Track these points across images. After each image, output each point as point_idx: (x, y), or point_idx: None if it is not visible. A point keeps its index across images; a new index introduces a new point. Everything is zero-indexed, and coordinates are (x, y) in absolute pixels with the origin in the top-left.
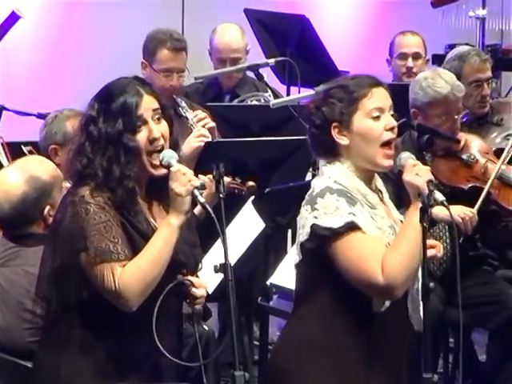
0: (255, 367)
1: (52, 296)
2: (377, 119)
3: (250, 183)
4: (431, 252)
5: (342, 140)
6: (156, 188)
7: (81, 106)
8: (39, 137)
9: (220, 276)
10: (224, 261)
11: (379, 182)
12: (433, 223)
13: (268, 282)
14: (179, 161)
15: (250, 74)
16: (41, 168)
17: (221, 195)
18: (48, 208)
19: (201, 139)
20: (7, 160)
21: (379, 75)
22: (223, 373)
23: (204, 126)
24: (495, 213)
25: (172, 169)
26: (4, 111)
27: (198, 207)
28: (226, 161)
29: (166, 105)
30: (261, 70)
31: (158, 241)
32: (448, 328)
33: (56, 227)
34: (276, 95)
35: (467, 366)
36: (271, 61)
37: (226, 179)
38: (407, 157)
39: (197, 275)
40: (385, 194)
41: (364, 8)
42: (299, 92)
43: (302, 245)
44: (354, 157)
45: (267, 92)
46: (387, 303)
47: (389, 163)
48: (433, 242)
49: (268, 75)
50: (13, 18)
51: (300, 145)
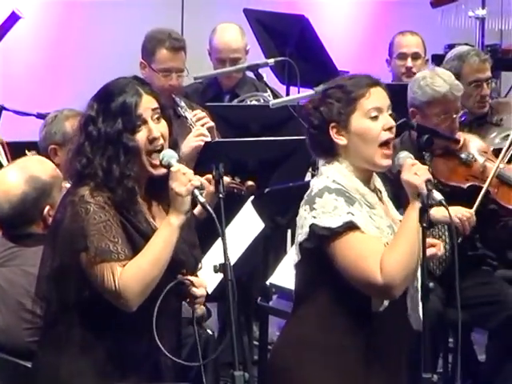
0: (255, 367)
1: (52, 296)
2: (375, 119)
3: (250, 183)
4: (431, 251)
5: (340, 140)
6: (155, 188)
7: (80, 106)
8: (39, 137)
9: (219, 276)
10: (224, 261)
11: (378, 182)
12: (430, 225)
13: (267, 282)
14: (179, 160)
15: (250, 74)
16: (40, 168)
17: (220, 195)
18: (48, 208)
19: (200, 138)
20: (7, 160)
21: (379, 75)
22: (223, 373)
23: (203, 126)
24: (494, 212)
25: (172, 168)
26: (3, 111)
27: (198, 207)
28: (226, 161)
29: (166, 104)
30: (260, 70)
31: (159, 240)
32: (448, 328)
33: (56, 227)
34: (275, 95)
35: (467, 366)
36: (271, 61)
37: (226, 179)
38: (405, 156)
39: (196, 275)
40: (384, 194)
41: (363, 8)
42: (299, 92)
43: (301, 245)
44: (353, 157)
45: (267, 92)
46: (386, 303)
47: (387, 163)
48: (433, 241)
49: (267, 75)
50: (13, 19)
51: (299, 145)
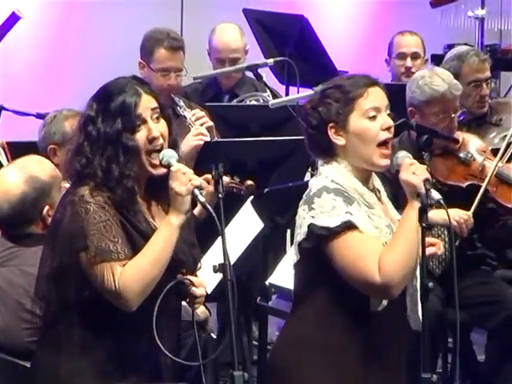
0: (254, 367)
1: (51, 296)
2: (373, 119)
3: (249, 182)
4: (431, 250)
5: (339, 140)
6: (155, 188)
7: (80, 106)
8: (38, 137)
9: (219, 276)
10: (223, 261)
11: (377, 182)
12: (428, 227)
13: (267, 282)
14: (179, 160)
15: (249, 74)
16: (40, 168)
17: (220, 195)
18: (47, 208)
19: (199, 137)
20: (7, 160)
21: (378, 75)
22: (222, 373)
23: (202, 125)
24: (493, 211)
25: (172, 168)
26: (3, 111)
27: (198, 207)
28: (225, 161)
29: (165, 104)
30: (260, 70)
31: (158, 240)
32: (447, 328)
33: (55, 227)
34: (275, 95)
35: (466, 366)
36: (270, 61)
37: (225, 179)
38: (404, 156)
39: (196, 275)
40: (383, 194)
41: (363, 8)
42: (298, 92)
43: (300, 244)
44: (351, 157)
45: (266, 92)
46: (385, 302)
47: (386, 163)
48: (433, 240)
49: (267, 75)
50: (13, 19)
51: (299, 145)
